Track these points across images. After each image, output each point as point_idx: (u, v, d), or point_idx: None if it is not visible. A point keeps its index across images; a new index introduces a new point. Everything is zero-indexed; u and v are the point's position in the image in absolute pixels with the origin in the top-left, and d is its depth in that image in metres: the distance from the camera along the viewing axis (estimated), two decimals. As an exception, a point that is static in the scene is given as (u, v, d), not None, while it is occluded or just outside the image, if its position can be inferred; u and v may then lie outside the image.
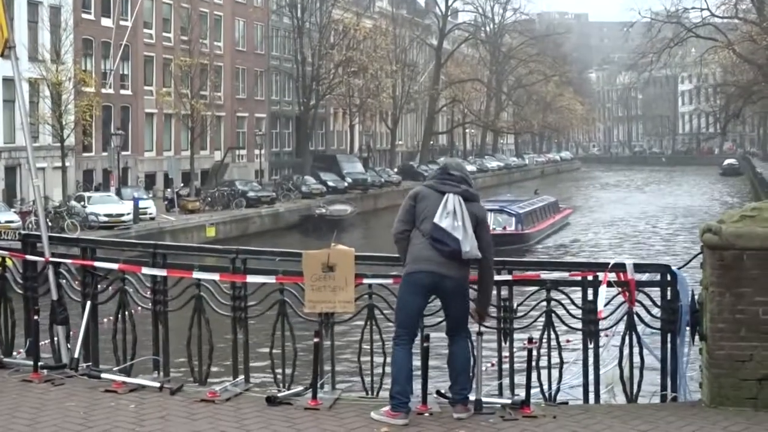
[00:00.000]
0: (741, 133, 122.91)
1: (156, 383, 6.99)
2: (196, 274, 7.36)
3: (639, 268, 7.02)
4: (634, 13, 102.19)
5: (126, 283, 7.52)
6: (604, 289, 6.88)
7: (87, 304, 7.61)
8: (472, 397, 6.47)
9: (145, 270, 7.46)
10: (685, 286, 6.89)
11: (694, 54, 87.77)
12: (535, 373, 6.78)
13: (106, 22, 49.12)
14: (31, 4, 43.09)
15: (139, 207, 38.95)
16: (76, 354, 7.50)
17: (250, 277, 7.24)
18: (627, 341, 6.97)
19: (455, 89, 79.91)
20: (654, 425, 6.24)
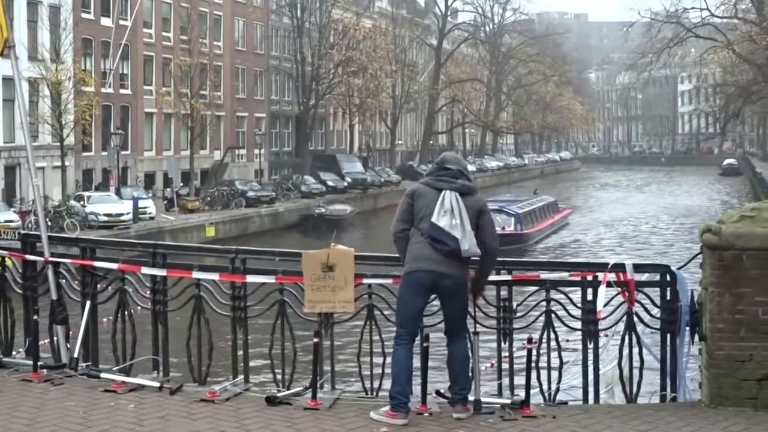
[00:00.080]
0: (740, 133, 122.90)
1: (155, 383, 6.98)
2: (196, 274, 7.35)
3: (638, 268, 7.02)
4: (634, 13, 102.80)
5: (125, 283, 7.52)
6: (603, 290, 6.88)
7: (86, 303, 7.61)
8: (472, 397, 6.47)
9: (144, 270, 7.46)
10: (684, 286, 6.89)
11: (693, 54, 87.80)
12: (534, 373, 6.78)
13: (106, 21, 49.09)
14: (30, 3, 43.02)
15: (138, 207, 38.93)
16: (76, 354, 7.50)
17: (250, 277, 7.24)
18: (626, 341, 6.96)
19: (455, 89, 79.87)
20: (653, 425, 6.24)
